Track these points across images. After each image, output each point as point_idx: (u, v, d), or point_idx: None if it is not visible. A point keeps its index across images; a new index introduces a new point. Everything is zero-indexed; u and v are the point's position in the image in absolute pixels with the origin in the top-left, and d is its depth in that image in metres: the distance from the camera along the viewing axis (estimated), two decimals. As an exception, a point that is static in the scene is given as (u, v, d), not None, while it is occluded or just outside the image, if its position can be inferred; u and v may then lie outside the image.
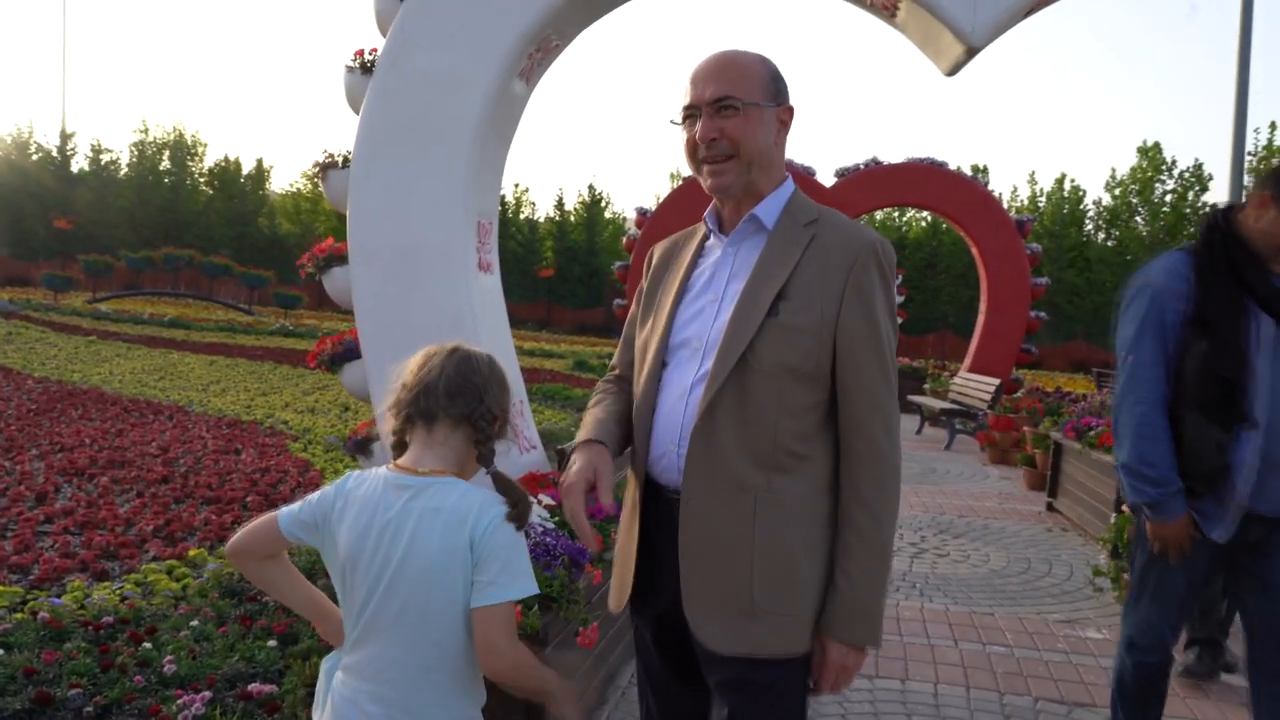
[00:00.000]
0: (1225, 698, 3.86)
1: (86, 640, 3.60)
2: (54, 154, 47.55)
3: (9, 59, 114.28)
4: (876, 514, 1.68)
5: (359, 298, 4.63)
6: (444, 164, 4.57)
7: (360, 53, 4.70)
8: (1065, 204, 38.80)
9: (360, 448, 4.81)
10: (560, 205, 49.14)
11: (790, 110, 1.81)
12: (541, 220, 49.76)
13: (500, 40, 4.48)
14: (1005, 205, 40.69)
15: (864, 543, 1.67)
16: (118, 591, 4.29)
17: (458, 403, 1.72)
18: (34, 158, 46.69)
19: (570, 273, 46.61)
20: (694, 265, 1.87)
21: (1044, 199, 39.98)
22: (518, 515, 1.68)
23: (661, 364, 1.80)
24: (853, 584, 1.67)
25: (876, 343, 1.69)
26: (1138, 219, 37.80)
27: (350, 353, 4.77)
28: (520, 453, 4.77)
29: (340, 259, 4.73)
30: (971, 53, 4.35)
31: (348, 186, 4.65)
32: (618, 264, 14.20)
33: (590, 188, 49.03)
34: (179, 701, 3.06)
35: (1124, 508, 5.27)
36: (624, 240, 14.51)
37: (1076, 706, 3.70)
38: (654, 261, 1.99)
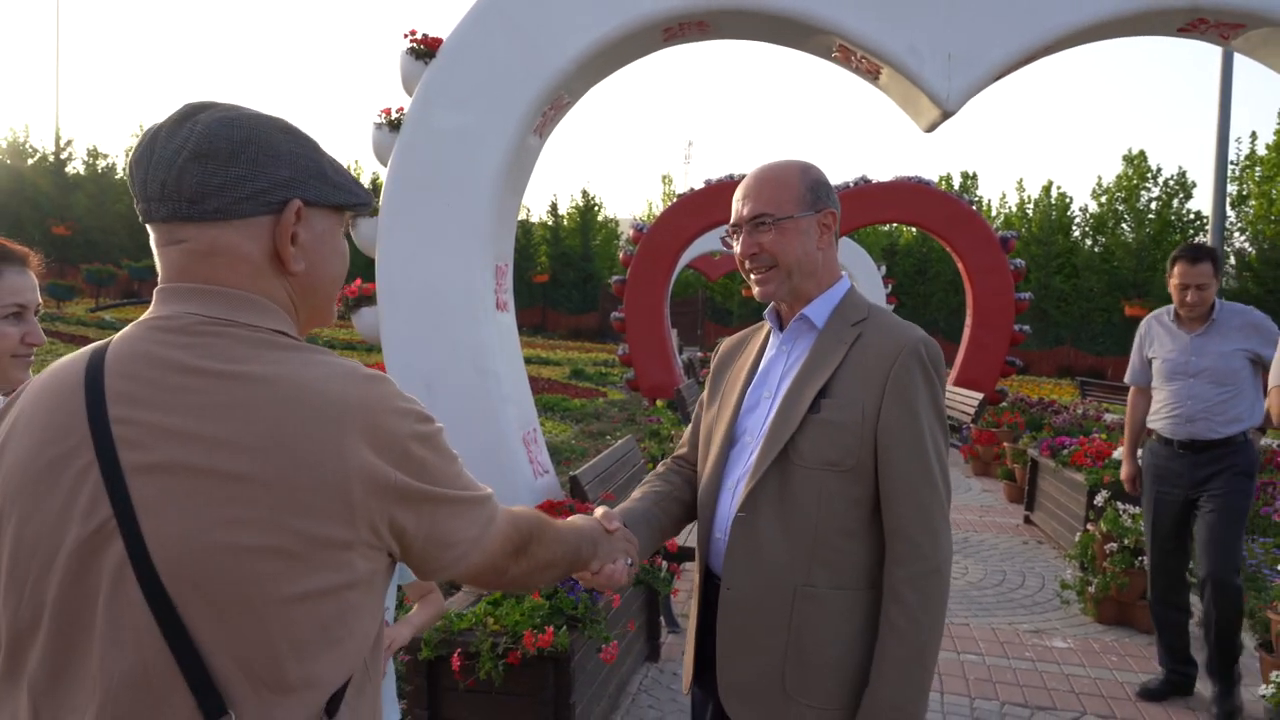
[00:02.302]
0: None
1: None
2: (50, 158, 47.71)
3: (2, 63, 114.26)
4: (915, 616, 1.68)
5: (387, 335, 5.05)
6: (464, 213, 4.99)
7: (387, 111, 5.11)
8: (1053, 211, 39.34)
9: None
10: (554, 210, 49.55)
11: (832, 214, 1.85)
12: (535, 225, 50.14)
13: (516, 101, 4.91)
14: (995, 211, 41.32)
15: (902, 644, 1.67)
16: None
17: None
18: (30, 162, 46.83)
19: (565, 278, 47.00)
20: (758, 359, 1.95)
21: (1032, 206, 40.53)
22: None
23: (724, 454, 1.89)
24: (887, 684, 1.67)
25: (918, 441, 1.70)
26: (1124, 226, 38.36)
27: (378, 386, 5.17)
28: (535, 477, 5.20)
29: (369, 299, 5.15)
30: (946, 115, 4.79)
31: (376, 233, 5.07)
32: (614, 278, 14.61)
33: (584, 193, 49.41)
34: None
35: (1088, 525, 5.72)
36: (620, 256, 14.92)
37: (1039, 710, 4.13)
38: (720, 352, 2.08)
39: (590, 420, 12.40)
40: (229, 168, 1.09)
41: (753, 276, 1.88)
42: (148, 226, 1.14)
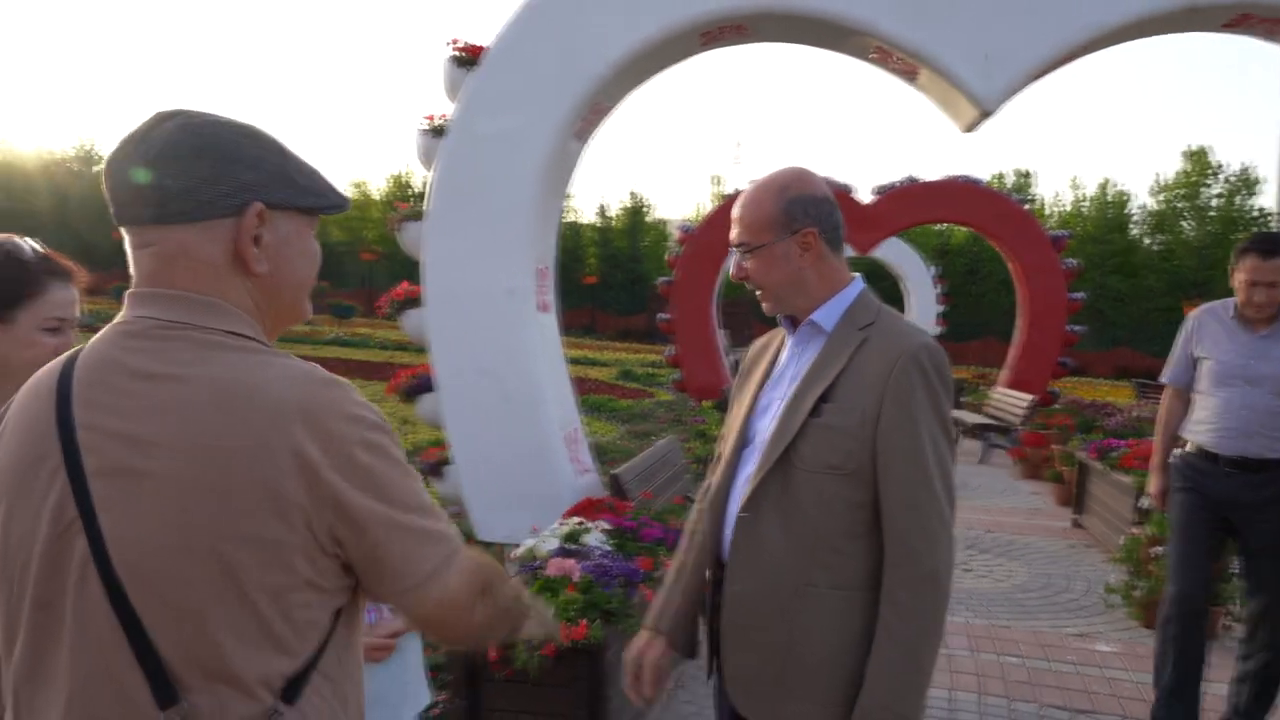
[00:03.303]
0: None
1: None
2: (116, 167, 49.02)
3: (71, 74, 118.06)
4: (909, 620, 1.69)
5: (433, 336, 5.18)
6: (506, 217, 5.10)
7: (431, 117, 5.24)
8: (1109, 209, 38.62)
9: (434, 470, 5.35)
10: (603, 212, 49.82)
11: (812, 233, 1.84)
12: (584, 226, 50.45)
13: (556, 107, 5.00)
14: (1049, 210, 40.61)
15: (895, 646, 1.69)
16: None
17: None
18: (95, 170, 48.26)
19: (613, 279, 47.25)
20: (774, 363, 1.98)
21: (1087, 204, 39.81)
22: None
23: (737, 453, 1.94)
24: (880, 686, 1.69)
25: (915, 446, 1.71)
26: (1184, 223, 37.52)
27: (424, 385, 5.31)
28: (576, 476, 5.28)
29: (415, 302, 5.27)
30: (985, 115, 4.78)
31: (422, 236, 5.19)
32: (661, 279, 14.66)
33: (632, 195, 49.68)
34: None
35: (1135, 528, 5.65)
36: (667, 257, 14.97)
37: (1079, 713, 4.11)
38: (749, 353, 2.12)
39: (637, 421, 12.46)
40: (191, 172, 1.12)
41: (756, 294, 1.95)
42: (121, 230, 1.17)
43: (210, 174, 1.13)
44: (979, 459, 11.62)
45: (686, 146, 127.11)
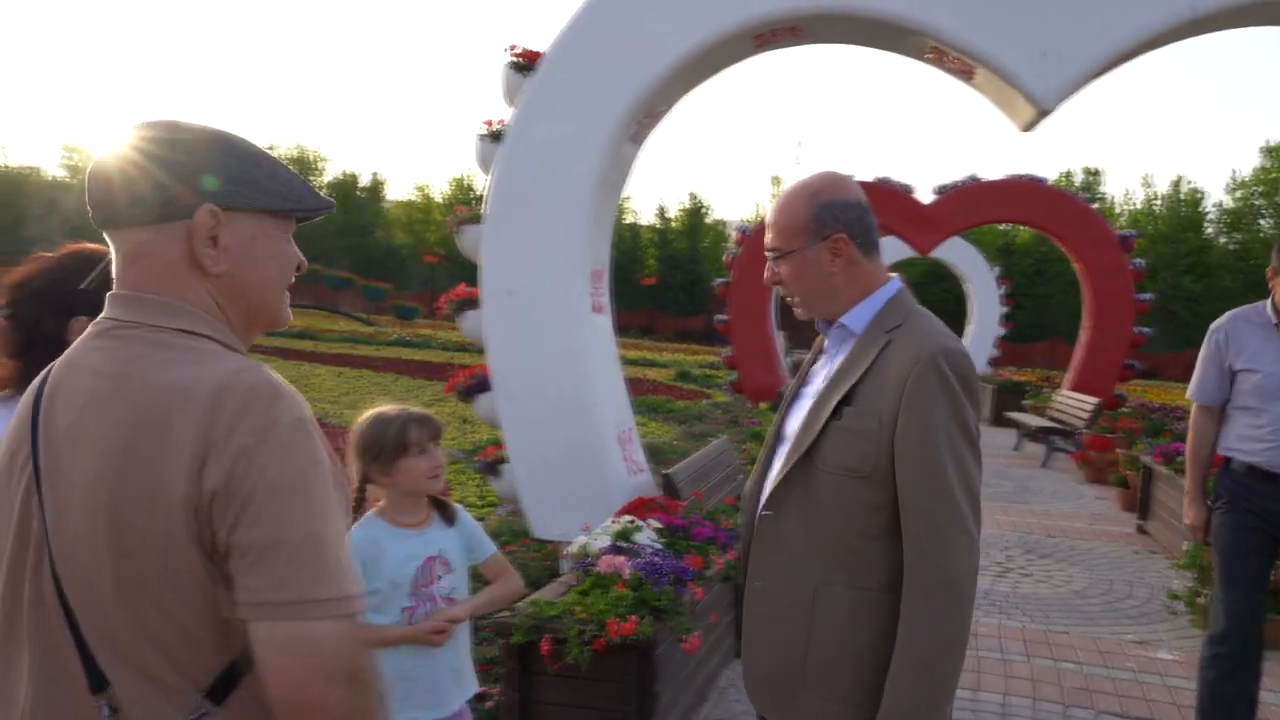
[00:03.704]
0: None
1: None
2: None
3: (145, 79, 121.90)
4: (923, 628, 1.69)
5: (489, 337, 5.28)
6: (563, 220, 5.18)
7: (490, 123, 5.34)
8: (1183, 207, 37.54)
9: (490, 469, 5.45)
10: (662, 214, 49.89)
11: (842, 239, 1.84)
12: (644, 228, 50.58)
13: (611, 111, 5.07)
14: (1119, 209, 39.62)
15: (911, 655, 1.69)
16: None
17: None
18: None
19: (672, 280, 47.30)
20: (813, 363, 2.03)
21: (1159, 203, 38.74)
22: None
23: (771, 450, 1.98)
24: (897, 694, 1.70)
25: (931, 451, 1.69)
26: (1262, 221, 36.30)
27: (482, 385, 5.41)
28: (629, 475, 5.34)
29: (472, 303, 5.38)
30: (1043, 114, 4.72)
31: (480, 239, 5.30)
32: (718, 280, 14.67)
33: (691, 196, 49.66)
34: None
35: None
36: (725, 258, 14.97)
37: (1136, 720, 4.05)
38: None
39: (693, 422, 12.48)
40: (144, 176, 1.17)
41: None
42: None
43: (164, 177, 1.17)
44: (1041, 463, 11.42)
45: (746, 147, 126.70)
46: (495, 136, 5.28)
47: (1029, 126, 4.99)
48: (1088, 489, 9.87)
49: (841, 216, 1.85)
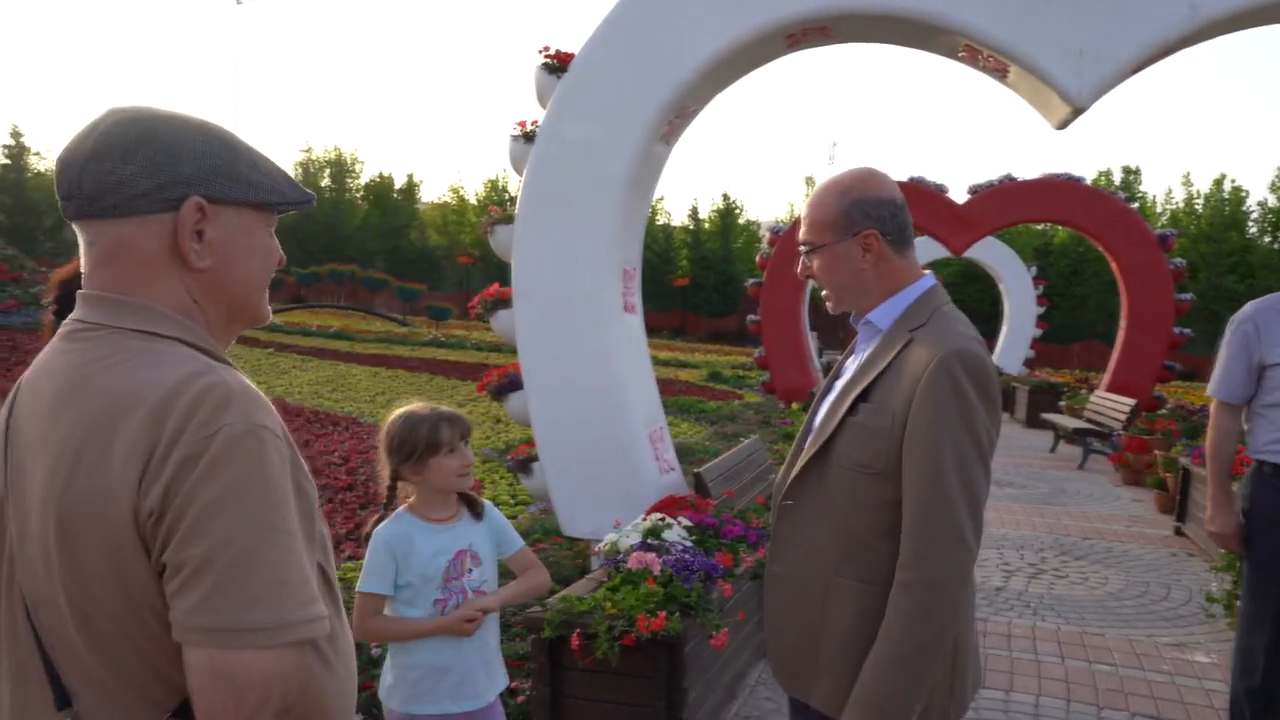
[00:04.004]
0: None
1: (307, 626, 4.38)
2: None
3: (190, 86, 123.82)
4: (906, 623, 1.69)
5: (521, 336, 5.32)
6: (594, 220, 5.21)
7: (522, 124, 5.39)
8: (1225, 206, 36.87)
9: (522, 467, 5.50)
10: (695, 214, 49.84)
11: (873, 235, 1.86)
12: (676, 229, 50.57)
13: (642, 112, 5.09)
14: (1159, 208, 39.00)
15: (891, 646, 1.71)
16: (324, 586, 5.10)
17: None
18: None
19: (705, 281, 47.23)
20: (847, 357, 2.06)
21: (1201, 202, 38.08)
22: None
23: (801, 441, 2.02)
24: (872, 681, 1.72)
25: (933, 451, 1.69)
26: (1308, 221, 35.59)
27: (514, 384, 5.46)
28: (660, 474, 5.37)
29: (505, 303, 5.43)
30: (1078, 112, 4.69)
31: (512, 239, 5.35)
32: (751, 281, 14.66)
33: (724, 196, 49.58)
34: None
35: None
36: (757, 259, 14.95)
37: (1172, 723, 4.01)
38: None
39: (725, 422, 12.48)
40: (123, 166, 1.09)
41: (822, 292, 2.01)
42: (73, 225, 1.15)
43: (146, 167, 1.10)
44: (1078, 465, 11.29)
45: (780, 147, 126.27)
46: (528, 137, 5.33)
47: (1063, 124, 4.95)
48: (1124, 491, 9.74)
49: (873, 213, 1.86)
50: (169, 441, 1.01)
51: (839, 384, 1.97)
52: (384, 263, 48.39)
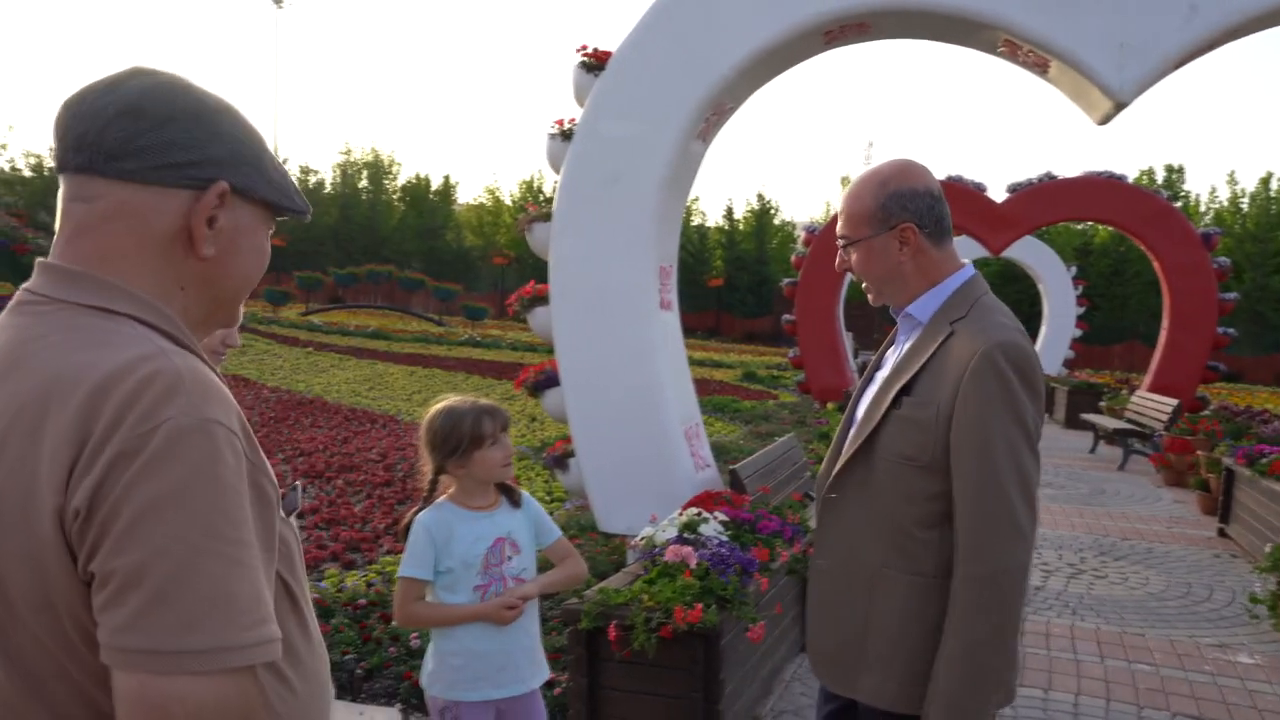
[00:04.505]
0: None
1: (348, 618, 4.45)
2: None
3: (230, 88, 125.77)
4: (968, 616, 1.72)
5: (558, 333, 5.37)
6: (631, 217, 5.24)
7: (560, 122, 5.44)
8: (1272, 205, 36.12)
9: (558, 463, 5.54)
10: (729, 214, 49.70)
11: (910, 228, 1.86)
12: (711, 229, 50.46)
13: (679, 109, 5.12)
14: (1203, 208, 38.29)
15: (956, 641, 1.73)
16: (364, 579, 5.18)
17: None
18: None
19: (739, 281, 47.06)
20: (886, 349, 2.07)
21: (1246, 200, 37.35)
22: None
23: (843, 435, 2.03)
24: (942, 678, 1.74)
25: (985, 443, 1.71)
26: (1358, 219, 34.75)
27: (550, 381, 5.51)
28: (696, 470, 5.39)
29: (542, 300, 5.48)
30: (1120, 107, 4.64)
31: (549, 237, 5.39)
32: (786, 281, 14.62)
33: (759, 196, 49.44)
34: (428, 668, 3.82)
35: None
36: (792, 259, 14.91)
37: (1214, 723, 3.96)
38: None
39: (760, 421, 12.48)
40: (160, 131, 1.02)
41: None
42: (60, 178, 1.05)
43: (182, 139, 1.03)
44: (1118, 465, 11.14)
45: (815, 146, 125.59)
46: (566, 135, 5.38)
47: (1105, 119, 4.91)
48: (1166, 492, 9.60)
49: (910, 206, 1.87)
50: (104, 433, 0.89)
51: (879, 376, 1.98)
52: (420, 263, 48.73)
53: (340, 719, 3.63)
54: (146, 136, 1.01)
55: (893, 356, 1.98)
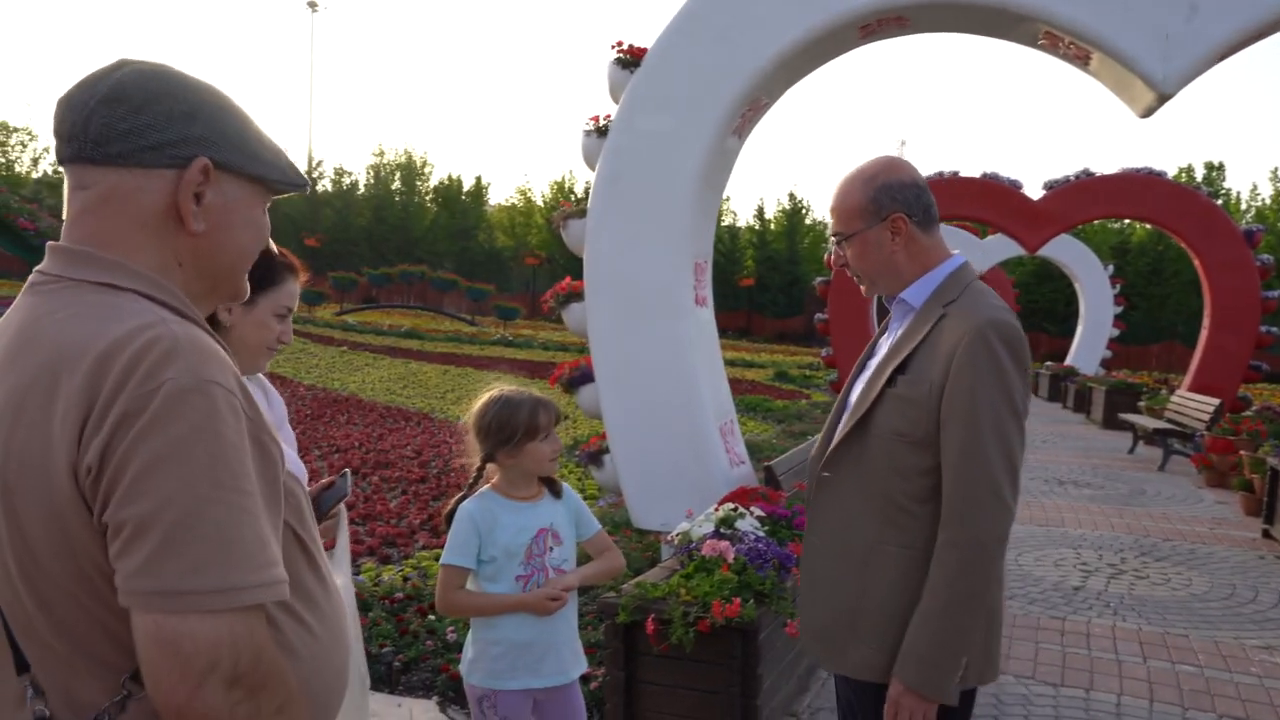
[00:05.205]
0: None
1: (385, 611, 4.49)
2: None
3: (266, 92, 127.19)
4: (949, 578, 1.79)
5: (593, 329, 5.37)
6: (666, 212, 5.23)
7: (595, 119, 5.44)
8: (1316, 202, 35.50)
9: (593, 459, 5.55)
10: (760, 214, 49.59)
11: (901, 219, 1.93)
12: (742, 229, 50.37)
13: (715, 104, 5.10)
14: (1244, 205, 37.66)
15: (934, 600, 1.80)
16: (401, 573, 5.22)
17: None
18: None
19: (771, 281, 46.95)
20: (879, 337, 2.14)
21: (1290, 197, 36.71)
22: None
23: (837, 416, 2.09)
24: (917, 635, 1.81)
25: (972, 414, 1.78)
26: (1406, 216, 34.02)
27: (585, 377, 5.51)
28: (730, 467, 5.37)
29: (577, 296, 5.48)
30: (1164, 99, 4.57)
31: (585, 233, 5.40)
32: (818, 279, 14.56)
33: (790, 196, 49.22)
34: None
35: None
36: (825, 258, 14.84)
37: (1262, 726, 3.88)
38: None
39: (792, 421, 12.42)
40: (137, 115, 1.07)
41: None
42: (63, 169, 1.12)
43: (159, 120, 1.08)
44: (1158, 466, 10.97)
45: (847, 146, 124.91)
46: (601, 131, 5.38)
47: (1148, 112, 4.83)
48: (1208, 493, 9.44)
49: (899, 196, 1.95)
50: (109, 396, 0.96)
51: (874, 361, 2.04)
52: (453, 264, 49.04)
53: (378, 711, 3.66)
54: (126, 121, 1.07)
55: (887, 342, 2.04)
